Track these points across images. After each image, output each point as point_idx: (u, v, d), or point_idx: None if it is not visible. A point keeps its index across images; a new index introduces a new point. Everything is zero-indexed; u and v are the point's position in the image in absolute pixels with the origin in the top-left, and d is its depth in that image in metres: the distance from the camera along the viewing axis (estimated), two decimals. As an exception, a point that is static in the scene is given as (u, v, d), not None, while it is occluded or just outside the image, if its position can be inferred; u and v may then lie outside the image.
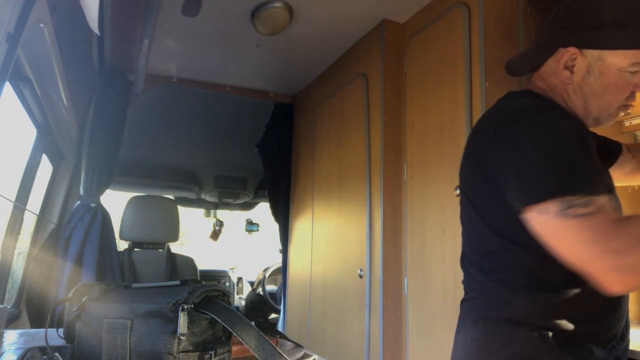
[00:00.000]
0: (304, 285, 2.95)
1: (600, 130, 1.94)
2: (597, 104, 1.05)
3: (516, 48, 1.85)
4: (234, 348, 0.83)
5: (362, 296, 2.23)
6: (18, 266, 2.38)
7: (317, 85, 3.05)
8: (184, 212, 4.44)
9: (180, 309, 0.76)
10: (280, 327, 3.39)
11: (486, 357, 0.95)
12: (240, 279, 5.13)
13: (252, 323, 0.73)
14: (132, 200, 3.05)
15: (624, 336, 0.99)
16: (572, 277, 0.86)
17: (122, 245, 3.07)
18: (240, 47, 2.62)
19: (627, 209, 1.91)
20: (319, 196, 2.86)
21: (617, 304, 0.96)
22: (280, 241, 3.46)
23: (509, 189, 0.92)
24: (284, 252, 3.37)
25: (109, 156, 2.55)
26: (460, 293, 1.14)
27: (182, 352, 0.77)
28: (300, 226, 3.13)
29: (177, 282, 0.84)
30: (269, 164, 3.43)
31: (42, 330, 1.02)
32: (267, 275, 4.52)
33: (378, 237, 2.16)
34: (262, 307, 4.39)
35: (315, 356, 1.02)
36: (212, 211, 4.88)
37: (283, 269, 3.37)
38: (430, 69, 2.08)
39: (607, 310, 0.95)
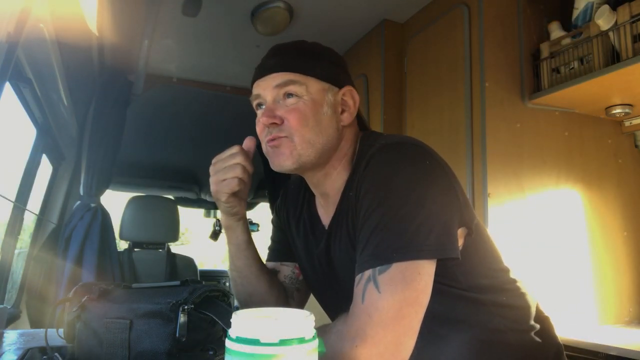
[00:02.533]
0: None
1: (599, 131, 1.95)
2: None
3: (516, 48, 1.86)
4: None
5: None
6: (18, 266, 2.38)
7: (317, 85, 3.05)
8: (184, 212, 4.43)
9: (180, 309, 0.76)
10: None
11: None
12: (240, 279, 5.11)
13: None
14: (132, 201, 3.05)
15: None
16: None
17: (122, 245, 3.07)
18: (240, 47, 2.62)
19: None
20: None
21: None
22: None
23: None
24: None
25: (109, 156, 2.55)
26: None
27: (181, 352, 0.77)
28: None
29: (177, 283, 0.84)
30: (269, 164, 3.41)
31: (42, 330, 1.02)
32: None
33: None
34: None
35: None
36: (212, 211, 4.88)
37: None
38: (430, 69, 2.08)
39: None
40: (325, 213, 1.01)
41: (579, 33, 1.69)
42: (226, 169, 0.96)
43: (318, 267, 1.02)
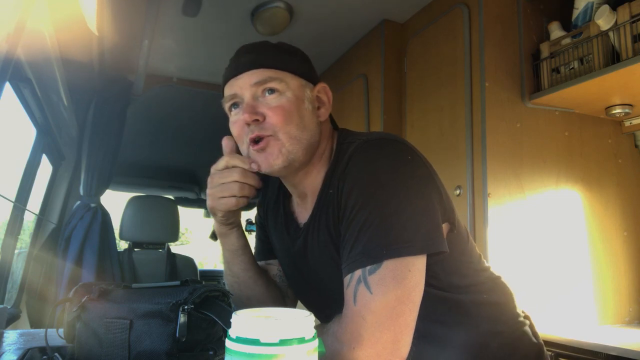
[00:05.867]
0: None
1: (599, 131, 1.95)
2: None
3: (516, 48, 1.86)
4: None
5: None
6: (18, 266, 2.38)
7: (317, 85, 3.05)
8: (184, 212, 4.43)
9: (180, 309, 0.76)
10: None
11: None
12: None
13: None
14: (132, 201, 3.05)
15: None
16: None
17: (122, 245, 3.07)
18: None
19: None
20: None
21: None
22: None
23: None
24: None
25: (109, 156, 2.55)
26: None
27: (181, 352, 0.77)
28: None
29: (177, 283, 0.84)
30: None
31: (42, 330, 1.02)
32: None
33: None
34: None
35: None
36: (212, 211, 4.88)
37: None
38: (430, 69, 2.08)
39: None
40: (304, 211, 0.99)
41: (579, 33, 1.69)
42: (223, 187, 0.91)
43: (296, 266, 1.01)
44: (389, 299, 0.74)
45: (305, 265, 0.97)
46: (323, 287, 0.92)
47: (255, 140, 0.88)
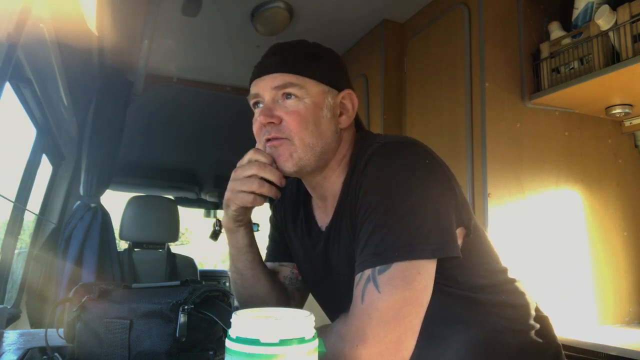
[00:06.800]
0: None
1: (599, 131, 1.95)
2: None
3: (516, 48, 1.86)
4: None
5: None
6: (18, 266, 2.38)
7: (317, 85, 3.05)
8: (184, 212, 4.43)
9: (180, 309, 0.76)
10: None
11: None
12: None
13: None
14: (132, 200, 3.05)
15: None
16: None
17: (122, 245, 3.07)
18: (240, 47, 2.62)
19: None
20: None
21: None
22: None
23: None
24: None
25: (109, 156, 2.55)
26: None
27: (181, 352, 0.77)
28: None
29: (177, 283, 0.84)
30: None
31: (42, 330, 1.02)
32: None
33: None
34: None
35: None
36: (212, 211, 4.88)
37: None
38: (430, 69, 2.08)
39: None
40: (323, 215, 1.00)
41: (579, 33, 1.69)
42: (243, 181, 0.91)
43: (316, 269, 1.01)
44: (397, 300, 0.74)
45: (325, 269, 0.98)
46: (343, 290, 0.92)
47: (270, 140, 0.91)
